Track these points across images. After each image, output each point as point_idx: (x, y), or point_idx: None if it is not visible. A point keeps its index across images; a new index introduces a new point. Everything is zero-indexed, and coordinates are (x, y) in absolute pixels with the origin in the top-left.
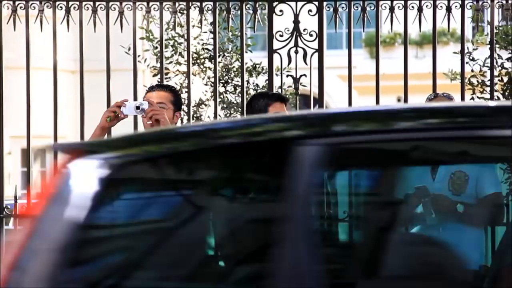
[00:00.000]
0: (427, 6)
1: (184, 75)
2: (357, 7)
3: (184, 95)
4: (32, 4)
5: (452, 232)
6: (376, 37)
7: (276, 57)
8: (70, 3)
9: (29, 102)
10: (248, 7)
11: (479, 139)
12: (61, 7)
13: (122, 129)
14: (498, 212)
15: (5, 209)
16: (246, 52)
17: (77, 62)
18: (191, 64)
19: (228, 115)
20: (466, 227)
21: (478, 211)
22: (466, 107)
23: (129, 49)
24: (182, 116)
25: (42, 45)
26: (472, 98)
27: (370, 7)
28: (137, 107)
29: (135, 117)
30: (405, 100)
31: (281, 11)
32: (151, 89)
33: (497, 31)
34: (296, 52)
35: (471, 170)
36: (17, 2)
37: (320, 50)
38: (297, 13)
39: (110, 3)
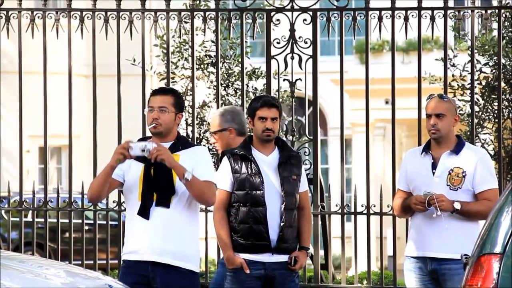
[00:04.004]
0: (412, 15)
1: (189, 79)
2: (348, 16)
3: (189, 98)
4: (48, 14)
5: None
6: (365, 44)
7: (273, 62)
8: (84, 13)
9: (46, 104)
10: (248, 17)
11: None
12: (75, 16)
13: (132, 127)
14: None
15: (24, 203)
16: (246, 58)
17: (90, 67)
18: (195, 69)
19: None
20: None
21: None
22: None
23: (134, 60)
24: (186, 117)
25: (58, 51)
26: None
27: (360, 16)
28: (142, 150)
29: (143, 116)
30: (393, 102)
31: (278, 20)
32: (154, 93)
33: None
34: (292, 58)
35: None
36: (35, 12)
37: (314, 56)
38: (293, 22)
39: (121, 13)
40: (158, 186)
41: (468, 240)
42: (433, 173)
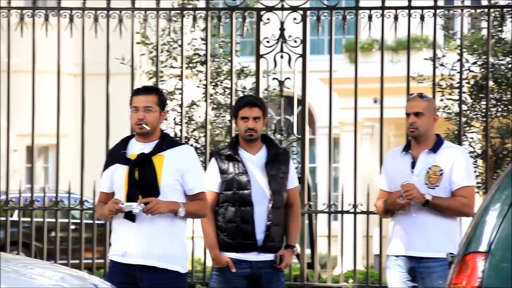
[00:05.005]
0: (402, 14)
1: (178, 78)
2: (338, 15)
3: (177, 97)
4: (38, 12)
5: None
6: (355, 43)
7: (262, 61)
8: (73, 11)
9: (34, 103)
10: (238, 15)
11: None
12: (65, 15)
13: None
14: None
15: (10, 202)
16: (235, 57)
17: (79, 66)
18: (184, 68)
19: (218, 115)
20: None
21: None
22: None
23: (123, 59)
24: (175, 116)
25: (47, 50)
26: (442, 100)
27: (350, 15)
28: (135, 212)
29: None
30: (381, 101)
31: (268, 19)
32: (137, 92)
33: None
34: (282, 57)
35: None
36: (24, 11)
37: (303, 55)
38: (283, 21)
39: (110, 12)
40: (143, 188)
41: (446, 239)
42: (412, 172)
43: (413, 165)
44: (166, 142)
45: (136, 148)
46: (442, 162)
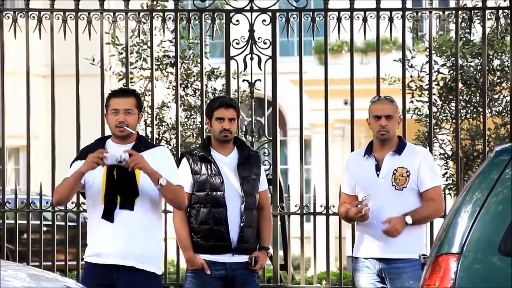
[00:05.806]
0: (371, 16)
1: (148, 79)
2: (307, 17)
3: (148, 98)
4: (6, 14)
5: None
6: (324, 45)
7: (232, 63)
8: (42, 13)
9: (3, 105)
10: (207, 17)
11: None
12: (33, 16)
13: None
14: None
15: None
16: (205, 58)
17: (49, 67)
18: (154, 69)
19: (189, 116)
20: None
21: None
22: None
23: (93, 60)
24: (146, 118)
25: (16, 51)
26: (412, 102)
27: (319, 17)
28: (120, 161)
29: (102, 116)
30: (351, 103)
31: (237, 21)
32: (116, 94)
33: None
34: (252, 58)
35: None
36: None
37: (273, 57)
38: (252, 22)
39: (79, 13)
40: (121, 188)
41: (413, 240)
42: (378, 174)
43: (377, 167)
44: (143, 144)
45: (113, 149)
46: (408, 163)
